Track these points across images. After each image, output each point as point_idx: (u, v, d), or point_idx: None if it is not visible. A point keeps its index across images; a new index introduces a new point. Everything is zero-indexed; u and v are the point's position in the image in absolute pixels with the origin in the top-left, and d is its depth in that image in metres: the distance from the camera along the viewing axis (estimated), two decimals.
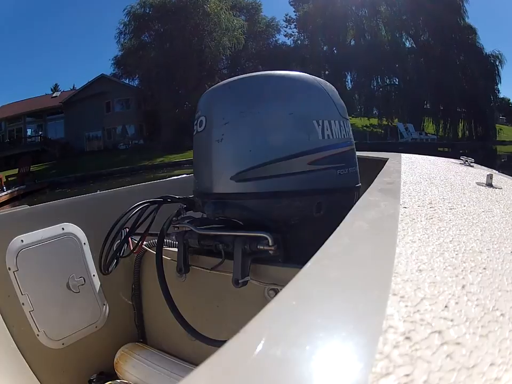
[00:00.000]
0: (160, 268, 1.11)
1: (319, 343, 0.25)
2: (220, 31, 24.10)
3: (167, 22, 24.09)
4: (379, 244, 0.45)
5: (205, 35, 24.10)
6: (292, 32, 31.73)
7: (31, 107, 29.20)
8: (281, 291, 0.32)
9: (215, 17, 23.78)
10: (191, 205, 1.16)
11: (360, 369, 0.23)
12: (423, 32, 27.68)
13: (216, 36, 24.05)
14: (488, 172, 1.14)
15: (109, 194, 1.53)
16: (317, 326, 0.28)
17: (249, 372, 0.22)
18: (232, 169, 0.97)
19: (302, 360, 0.24)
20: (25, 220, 1.25)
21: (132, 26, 25.65)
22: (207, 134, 1.01)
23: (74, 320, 1.27)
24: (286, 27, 31.61)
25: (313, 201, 0.97)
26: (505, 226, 0.58)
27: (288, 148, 0.96)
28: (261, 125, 0.97)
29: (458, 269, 0.40)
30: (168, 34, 24.22)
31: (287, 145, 0.96)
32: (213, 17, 23.73)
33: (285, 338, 0.26)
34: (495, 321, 0.31)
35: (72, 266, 1.30)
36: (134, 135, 27.46)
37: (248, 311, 0.64)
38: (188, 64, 23.31)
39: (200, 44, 24.36)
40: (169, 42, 24.41)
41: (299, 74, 1.04)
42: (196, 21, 23.85)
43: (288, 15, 31.56)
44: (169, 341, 1.31)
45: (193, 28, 23.89)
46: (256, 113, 0.97)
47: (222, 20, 23.88)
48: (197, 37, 24.39)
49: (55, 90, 34.31)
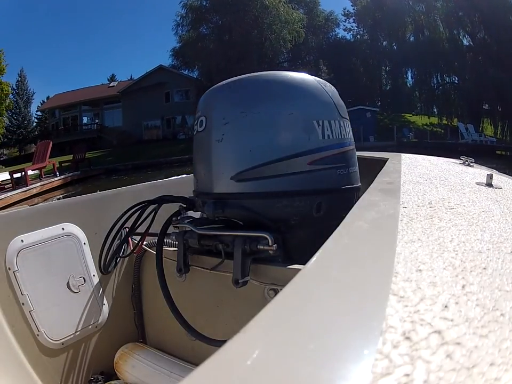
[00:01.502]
0: (160, 268, 1.11)
1: (319, 343, 0.25)
2: (279, 24, 23.93)
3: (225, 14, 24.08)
4: (379, 244, 0.46)
5: (265, 28, 23.97)
6: (351, 27, 31.45)
7: (87, 96, 29.83)
8: (281, 291, 0.32)
9: (274, 10, 23.61)
10: (191, 205, 1.16)
11: (360, 369, 0.23)
12: (479, 30, 26.90)
13: (276, 28, 23.89)
14: (488, 172, 1.14)
15: (109, 194, 1.53)
16: (317, 326, 0.27)
17: (249, 372, 0.22)
18: (232, 169, 0.97)
19: (302, 360, 0.24)
20: (25, 219, 1.24)
21: (189, 18, 25.78)
22: (207, 134, 1.01)
23: (74, 320, 1.27)
24: (344, 21, 31.37)
25: (313, 201, 0.97)
26: (505, 226, 0.58)
27: (288, 148, 0.96)
28: (261, 125, 0.97)
29: (458, 269, 0.39)
30: (227, 27, 24.20)
31: (287, 145, 0.96)
32: (272, 10, 23.57)
33: (285, 338, 0.26)
34: (495, 321, 0.31)
35: (72, 266, 1.30)
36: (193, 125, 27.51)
37: (248, 311, 0.68)
38: (248, 57, 23.24)
39: (260, 36, 24.25)
40: (228, 35, 24.39)
41: (299, 74, 1.04)
42: (254, 13, 23.75)
43: (346, 9, 31.25)
44: (169, 341, 1.32)
45: (252, 21, 23.80)
46: (257, 113, 0.97)
47: (281, 12, 23.70)
48: (256, 30, 24.28)
49: (112, 81, 35.09)
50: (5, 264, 1.14)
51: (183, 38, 26.55)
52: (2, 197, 9.79)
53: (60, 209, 1.35)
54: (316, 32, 29.16)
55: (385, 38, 30.21)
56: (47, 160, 13.00)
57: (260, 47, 24.18)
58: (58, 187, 13.09)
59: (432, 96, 29.20)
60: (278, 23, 23.95)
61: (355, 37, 31.58)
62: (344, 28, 31.60)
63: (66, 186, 13.59)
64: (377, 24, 28.78)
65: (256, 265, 0.95)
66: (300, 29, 24.84)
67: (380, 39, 30.32)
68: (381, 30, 29.38)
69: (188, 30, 26.41)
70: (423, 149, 15.33)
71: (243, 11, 23.58)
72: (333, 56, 27.55)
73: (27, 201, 10.28)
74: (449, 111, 28.42)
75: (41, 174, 13.20)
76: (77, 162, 16.04)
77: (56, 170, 14.09)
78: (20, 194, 10.62)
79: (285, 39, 24.24)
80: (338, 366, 0.23)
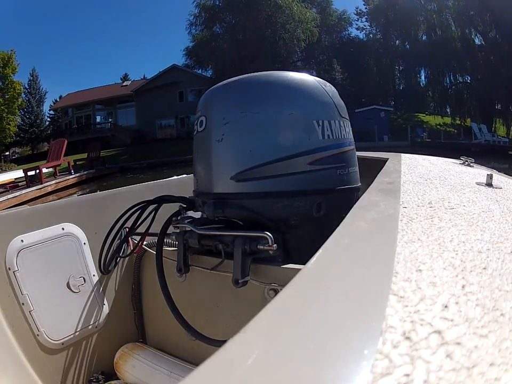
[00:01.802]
0: (160, 268, 1.11)
1: (319, 343, 0.25)
2: (293, 23, 23.90)
3: (238, 14, 24.13)
4: (379, 243, 0.46)
5: (278, 27, 23.98)
6: (363, 26, 31.37)
7: (100, 95, 30.21)
8: (281, 291, 0.32)
9: (287, 9, 23.58)
10: (191, 205, 1.15)
11: (360, 369, 0.23)
12: (490, 29, 26.67)
13: (289, 27, 23.89)
14: (488, 172, 1.13)
15: (109, 194, 1.53)
16: (317, 326, 0.28)
17: (249, 372, 0.22)
18: (232, 169, 0.97)
19: (302, 360, 0.24)
20: (25, 220, 1.24)
21: (203, 17, 25.89)
22: (208, 133, 1.01)
23: (74, 320, 1.27)
24: (357, 20, 31.28)
25: (314, 201, 0.97)
26: (505, 226, 0.58)
27: (288, 148, 0.96)
28: (261, 125, 0.97)
29: (458, 269, 0.39)
30: (241, 26, 24.23)
31: (287, 145, 0.96)
32: (285, 9, 23.54)
33: (284, 338, 0.26)
34: (495, 321, 0.31)
35: (72, 266, 1.30)
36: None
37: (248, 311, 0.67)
38: (262, 56, 23.24)
39: (274, 35, 24.26)
40: (242, 34, 24.42)
41: (299, 74, 1.04)
42: (267, 12, 23.76)
43: (358, 8, 31.17)
44: (169, 341, 1.31)
45: (266, 20, 23.82)
46: (257, 114, 0.97)
47: (294, 12, 23.66)
48: (270, 29, 24.28)
49: (125, 80, 35.44)
50: (5, 264, 1.15)
51: (197, 37, 26.72)
52: (17, 194, 10.04)
53: (60, 209, 1.36)
54: (329, 31, 29.07)
55: (397, 37, 30.04)
56: (62, 158, 13.28)
57: (274, 46, 24.19)
58: (73, 185, 13.32)
59: (445, 96, 28.98)
60: (292, 22, 23.92)
61: (368, 36, 31.52)
62: (356, 27, 31.55)
63: (81, 184, 13.77)
64: (389, 23, 28.61)
65: (256, 265, 0.95)
66: (313, 28, 24.79)
67: (393, 38, 30.15)
68: (394, 29, 29.21)
69: (202, 30, 26.57)
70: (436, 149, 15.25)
71: (256, 10, 23.59)
72: (346, 55, 27.44)
73: (41, 198, 10.48)
74: (462, 111, 28.25)
75: (56, 172, 13.43)
76: (92, 161, 16.28)
77: (71, 168, 14.36)
78: (34, 192, 10.82)
79: (298, 38, 24.22)
80: (338, 366, 0.23)
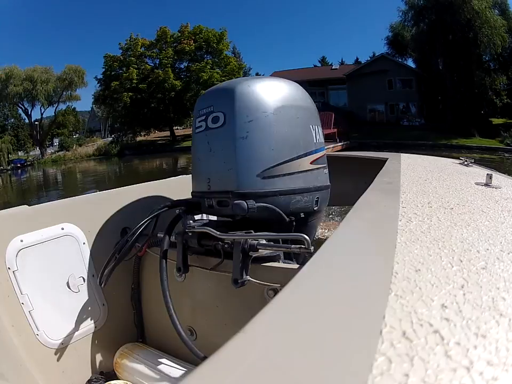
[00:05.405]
0: (160, 268, 1.10)
1: (318, 342, 0.25)
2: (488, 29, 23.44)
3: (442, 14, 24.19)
4: (378, 243, 0.46)
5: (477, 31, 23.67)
6: None
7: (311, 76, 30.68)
8: (281, 291, 0.32)
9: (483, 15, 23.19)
10: (193, 207, 1.16)
11: (359, 369, 0.23)
12: None
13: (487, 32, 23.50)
14: (487, 172, 1.14)
15: (109, 194, 1.51)
16: (317, 326, 0.27)
17: (248, 372, 0.22)
18: (259, 166, 1.00)
19: (301, 359, 0.23)
20: (25, 220, 1.22)
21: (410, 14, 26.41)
22: (229, 130, 1.02)
23: (74, 320, 1.25)
24: None
25: (314, 197, 1.06)
26: (504, 226, 0.57)
27: (300, 147, 1.06)
28: (280, 125, 1.03)
29: (457, 269, 0.39)
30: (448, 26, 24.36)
31: (299, 145, 1.06)
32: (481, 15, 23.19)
33: (284, 338, 0.26)
34: (494, 321, 0.31)
35: (71, 266, 1.28)
36: (415, 114, 28.02)
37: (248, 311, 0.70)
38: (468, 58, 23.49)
39: (475, 39, 24.06)
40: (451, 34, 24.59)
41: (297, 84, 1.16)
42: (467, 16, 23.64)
43: None
44: (169, 341, 1.28)
45: (466, 23, 23.67)
46: (275, 114, 1.02)
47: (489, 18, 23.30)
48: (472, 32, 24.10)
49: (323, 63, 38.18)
50: (5, 264, 1.12)
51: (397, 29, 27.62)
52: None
53: (60, 209, 1.33)
54: None
55: None
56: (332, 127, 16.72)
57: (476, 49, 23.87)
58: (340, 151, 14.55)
59: None
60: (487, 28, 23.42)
61: None
62: None
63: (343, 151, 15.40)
64: None
65: (256, 265, 0.95)
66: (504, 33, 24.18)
67: None
68: None
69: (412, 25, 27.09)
70: None
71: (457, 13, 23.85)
72: None
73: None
74: None
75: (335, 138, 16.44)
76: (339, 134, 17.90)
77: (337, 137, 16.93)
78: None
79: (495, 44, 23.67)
80: (337, 365, 0.23)
